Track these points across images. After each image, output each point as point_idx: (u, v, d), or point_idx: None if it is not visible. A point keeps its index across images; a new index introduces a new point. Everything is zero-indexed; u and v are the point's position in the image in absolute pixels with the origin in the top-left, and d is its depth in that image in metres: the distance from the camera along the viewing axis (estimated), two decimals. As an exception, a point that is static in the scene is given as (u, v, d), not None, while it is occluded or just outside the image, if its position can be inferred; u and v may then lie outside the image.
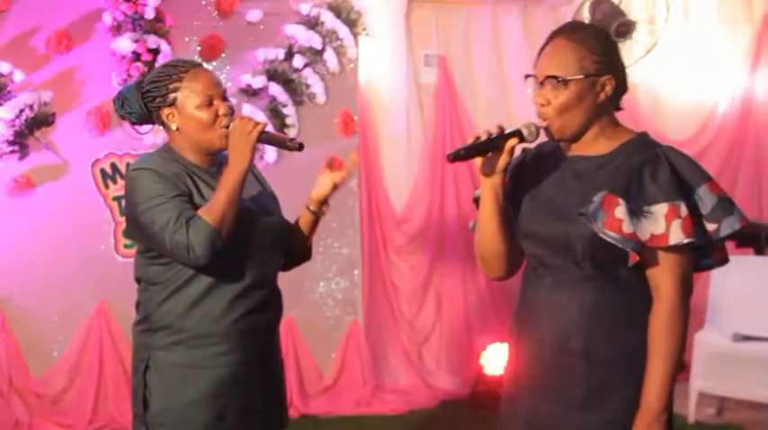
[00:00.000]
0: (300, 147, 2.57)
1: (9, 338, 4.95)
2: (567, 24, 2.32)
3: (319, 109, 5.36)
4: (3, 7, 4.87)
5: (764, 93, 6.14)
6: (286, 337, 4.83)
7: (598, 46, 2.24)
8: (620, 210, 2.17)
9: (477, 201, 2.42)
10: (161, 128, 2.71)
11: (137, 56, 4.86)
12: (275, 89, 5.23)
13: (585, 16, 5.51)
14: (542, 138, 2.34)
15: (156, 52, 4.88)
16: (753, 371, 4.88)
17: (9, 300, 4.95)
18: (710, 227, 2.18)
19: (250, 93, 5.17)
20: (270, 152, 5.07)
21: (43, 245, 4.95)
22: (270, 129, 2.61)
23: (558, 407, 2.25)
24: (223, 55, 5.14)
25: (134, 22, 4.87)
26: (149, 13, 4.88)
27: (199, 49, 5.12)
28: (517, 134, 2.28)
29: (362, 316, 5.50)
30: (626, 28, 5.43)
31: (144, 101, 2.64)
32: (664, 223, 2.14)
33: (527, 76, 2.31)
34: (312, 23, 5.30)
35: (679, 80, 6.04)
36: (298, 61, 5.25)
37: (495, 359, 5.23)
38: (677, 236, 2.13)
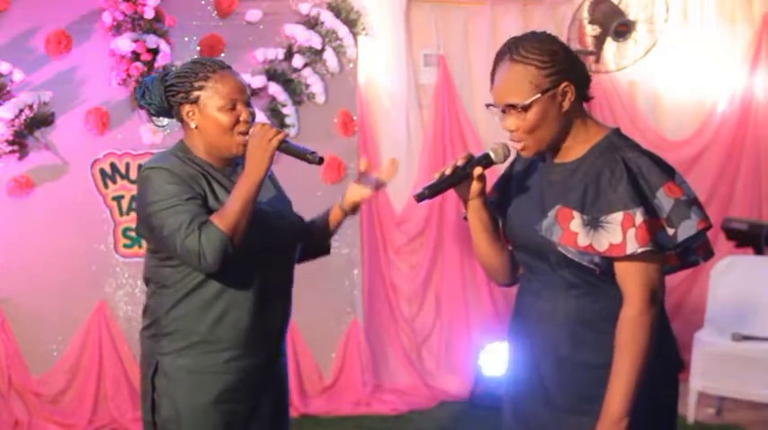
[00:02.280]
0: (320, 161, 2.52)
1: (9, 338, 4.94)
2: (507, 44, 2.26)
3: (319, 109, 5.35)
4: (2, 7, 4.87)
5: (764, 92, 6.13)
6: (286, 337, 4.83)
7: (544, 59, 2.20)
8: (575, 223, 2.18)
9: (467, 218, 2.42)
10: (160, 129, 2.69)
11: (136, 56, 4.86)
12: (275, 89, 5.22)
13: (585, 16, 5.52)
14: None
15: (155, 52, 4.88)
16: (752, 371, 4.88)
17: (9, 301, 4.95)
18: (670, 231, 2.16)
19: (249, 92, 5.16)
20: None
21: (43, 245, 4.95)
22: (289, 138, 2.54)
23: (555, 412, 2.26)
24: (222, 55, 5.12)
25: (133, 22, 4.87)
26: (149, 13, 4.87)
27: (198, 48, 5.11)
28: (485, 159, 2.29)
29: (362, 316, 5.50)
30: (625, 28, 5.44)
31: (166, 94, 2.58)
32: (620, 232, 2.13)
33: (488, 105, 2.29)
34: (312, 23, 5.29)
35: (678, 80, 6.03)
36: (297, 61, 5.25)
37: (495, 359, 5.22)
38: (632, 245, 2.12)
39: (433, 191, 2.27)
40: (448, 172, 2.27)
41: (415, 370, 5.59)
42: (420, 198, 2.28)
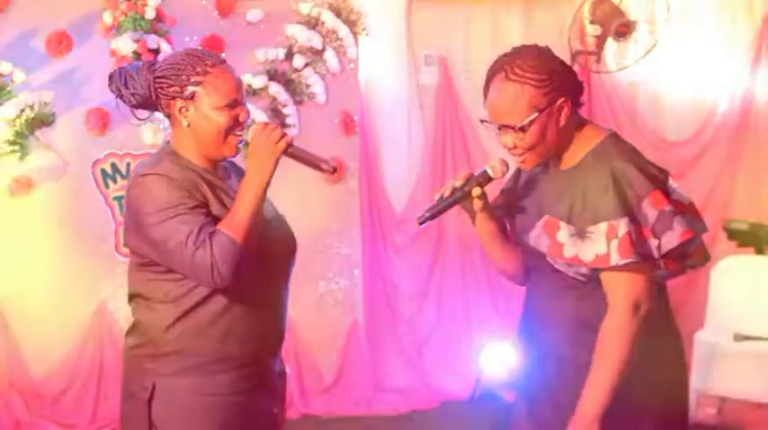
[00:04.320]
0: (334, 171, 2.36)
1: (9, 338, 4.95)
2: (502, 62, 2.24)
3: (319, 109, 5.35)
4: (3, 7, 4.87)
5: (764, 92, 6.13)
6: (286, 337, 4.83)
7: (542, 77, 2.18)
8: (562, 235, 2.19)
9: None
10: (160, 127, 2.61)
11: (137, 56, 4.86)
12: (275, 89, 5.23)
13: (586, 16, 5.52)
14: None
15: (156, 52, 4.88)
16: (753, 371, 4.88)
17: (9, 301, 4.95)
18: (653, 242, 2.16)
19: (250, 93, 5.16)
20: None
21: (43, 245, 4.95)
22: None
23: (560, 412, 2.27)
24: (223, 55, 5.10)
25: (134, 22, 4.87)
26: (149, 13, 4.88)
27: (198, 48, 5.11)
28: (483, 176, 2.29)
29: (362, 316, 5.50)
30: (626, 28, 5.44)
31: (155, 85, 2.34)
32: (605, 243, 2.13)
33: (482, 121, 2.28)
34: (312, 23, 5.29)
35: (679, 80, 6.03)
36: (298, 61, 5.25)
37: (495, 359, 5.22)
38: (615, 256, 2.13)
39: (434, 213, 2.29)
40: (447, 193, 2.29)
41: (416, 370, 5.59)
42: (422, 221, 2.30)
